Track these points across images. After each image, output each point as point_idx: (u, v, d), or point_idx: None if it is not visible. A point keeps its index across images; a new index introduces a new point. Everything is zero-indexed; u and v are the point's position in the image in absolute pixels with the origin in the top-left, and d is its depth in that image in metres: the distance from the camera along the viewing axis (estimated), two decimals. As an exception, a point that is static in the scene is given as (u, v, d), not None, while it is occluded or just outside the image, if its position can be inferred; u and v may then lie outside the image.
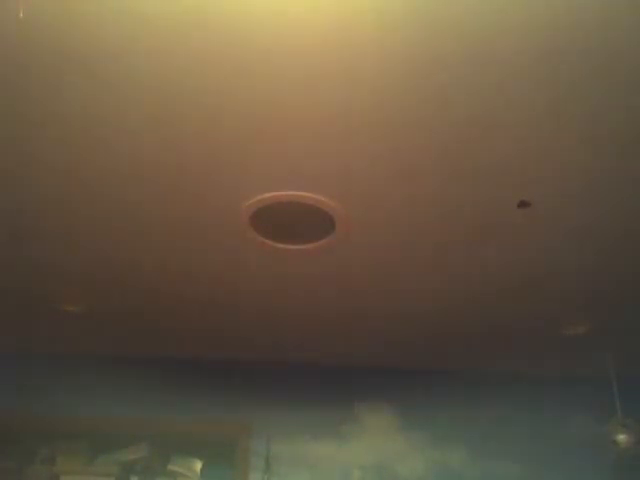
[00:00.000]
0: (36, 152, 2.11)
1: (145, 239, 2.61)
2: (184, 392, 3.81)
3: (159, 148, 2.08)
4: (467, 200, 2.30)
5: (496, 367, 3.91)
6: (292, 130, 1.98)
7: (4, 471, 3.87)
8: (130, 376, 3.85)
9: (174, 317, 3.36)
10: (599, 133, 1.96)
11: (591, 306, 3.08)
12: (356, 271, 2.81)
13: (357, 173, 2.17)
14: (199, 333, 3.57)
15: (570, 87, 1.80)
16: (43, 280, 2.98)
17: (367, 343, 3.61)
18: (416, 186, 2.23)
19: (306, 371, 3.91)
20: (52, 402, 3.76)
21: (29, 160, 2.15)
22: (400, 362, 3.89)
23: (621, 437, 3.22)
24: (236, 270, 2.83)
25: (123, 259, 2.77)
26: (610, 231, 2.46)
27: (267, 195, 2.30)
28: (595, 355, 3.63)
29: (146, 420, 3.72)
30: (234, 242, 2.61)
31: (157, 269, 2.85)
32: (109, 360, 3.88)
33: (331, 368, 3.92)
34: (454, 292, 2.99)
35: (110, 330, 3.56)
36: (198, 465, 3.96)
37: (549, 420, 3.83)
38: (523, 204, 2.30)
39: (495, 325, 3.33)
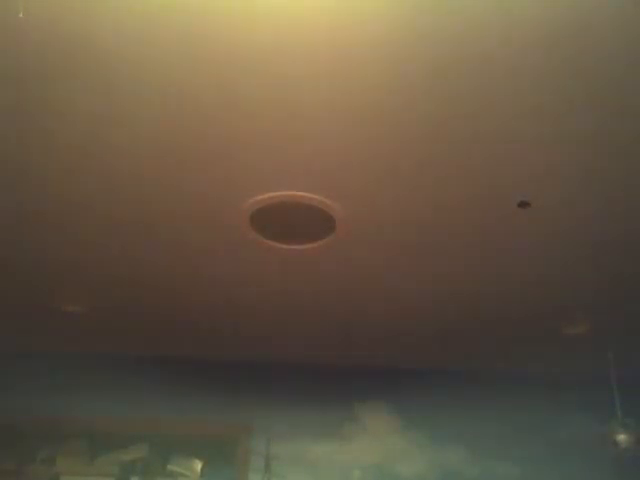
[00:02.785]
0: (37, 151, 2.11)
1: (145, 239, 2.61)
2: (184, 392, 3.81)
3: (160, 148, 2.08)
4: (467, 200, 2.30)
5: (496, 367, 3.91)
6: (292, 130, 1.98)
7: (4, 471, 3.87)
8: (130, 376, 3.85)
9: (174, 317, 3.36)
10: (599, 133, 1.96)
11: (591, 306, 3.08)
12: (356, 271, 2.81)
13: (357, 173, 2.17)
14: (199, 333, 3.56)
15: (571, 87, 1.80)
16: (43, 280, 2.98)
17: (367, 343, 3.61)
18: (416, 186, 2.23)
19: (306, 371, 3.91)
20: (52, 402, 3.75)
21: (30, 159, 2.15)
22: (400, 362, 3.89)
23: (621, 437, 3.21)
24: (236, 270, 2.83)
25: (123, 259, 2.77)
26: (610, 231, 2.46)
27: (267, 195, 2.30)
28: (595, 355, 3.63)
29: (146, 420, 3.72)
30: (234, 242, 2.61)
31: (157, 269, 2.85)
32: (109, 360, 3.88)
33: (331, 368, 3.92)
34: (454, 292, 2.98)
35: (110, 330, 3.56)
36: (198, 465, 3.95)
37: (549, 420, 3.82)
38: (523, 204, 2.30)
39: (495, 325, 3.33)
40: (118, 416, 3.72)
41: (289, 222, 2.47)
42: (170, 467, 3.92)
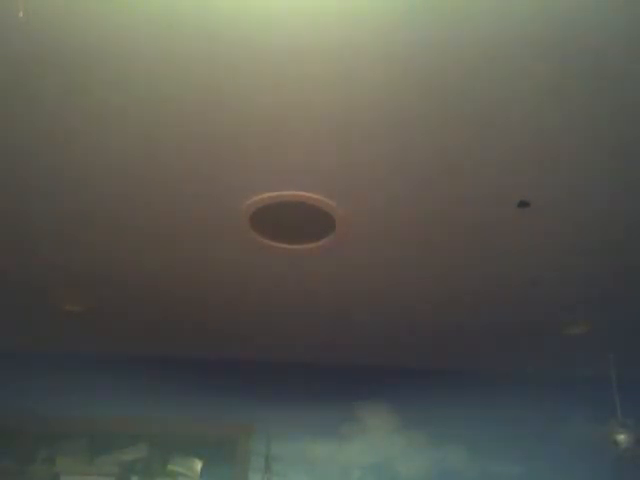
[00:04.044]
0: (36, 152, 2.11)
1: (145, 239, 2.61)
2: (184, 392, 3.81)
3: (159, 148, 2.08)
4: (467, 200, 2.30)
5: (496, 367, 3.91)
6: (292, 130, 1.98)
7: (4, 471, 3.87)
8: (130, 376, 3.84)
9: (174, 317, 3.36)
10: (599, 133, 1.96)
11: (591, 306, 3.08)
12: (356, 271, 2.81)
13: (357, 173, 2.17)
14: (199, 333, 3.56)
15: (570, 87, 1.80)
16: (43, 280, 2.98)
17: (367, 343, 3.61)
18: (416, 186, 2.23)
19: (306, 371, 3.91)
20: (52, 402, 3.75)
21: (29, 160, 2.15)
22: (400, 362, 3.88)
23: (621, 437, 3.21)
24: (236, 270, 2.83)
25: (123, 259, 2.77)
26: (610, 231, 2.46)
27: (267, 195, 2.30)
28: (595, 355, 3.63)
29: (146, 420, 3.72)
30: (234, 242, 2.61)
31: (157, 269, 2.85)
32: (109, 360, 3.88)
33: (331, 368, 3.92)
34: (454, 292, 2.98)
35: (110, 330, 3.56)
36: (198, 465, 3.95)
37: (549, 420, 3.82)
38: (523, 204, 2.30)
39: (495, 325, 3.33)
40: (118, 416, 3.72)
41: (289, 222, 2.47)
42: (170, 467, 3.92)
